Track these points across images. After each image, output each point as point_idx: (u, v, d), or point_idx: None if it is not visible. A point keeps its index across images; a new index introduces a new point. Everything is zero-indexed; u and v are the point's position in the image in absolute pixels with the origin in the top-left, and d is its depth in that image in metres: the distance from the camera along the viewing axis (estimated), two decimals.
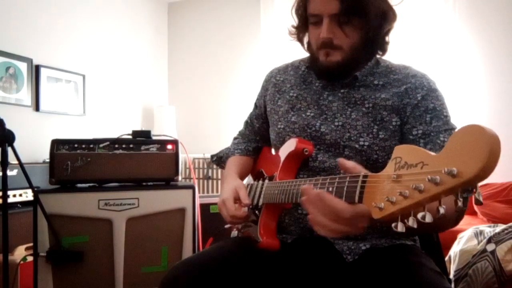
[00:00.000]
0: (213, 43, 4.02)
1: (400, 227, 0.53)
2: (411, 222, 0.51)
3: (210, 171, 3.58)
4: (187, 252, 1.56)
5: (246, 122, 1.28)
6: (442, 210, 0.49)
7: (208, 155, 3.56)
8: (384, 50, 1.01)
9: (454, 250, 1.80)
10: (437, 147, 0.87)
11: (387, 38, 0.99)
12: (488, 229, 1.79)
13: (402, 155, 0.55)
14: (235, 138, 1.30)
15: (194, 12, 4.15)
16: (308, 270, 0.92)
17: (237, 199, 1.00)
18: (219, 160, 1.26)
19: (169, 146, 1.60)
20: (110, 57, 3.50)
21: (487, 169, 0.44)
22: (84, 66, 3.22)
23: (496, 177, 2.83)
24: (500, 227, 1.76)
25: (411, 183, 0.50)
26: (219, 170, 3.55)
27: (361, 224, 0.67)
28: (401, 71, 0.98)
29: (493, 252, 1.60)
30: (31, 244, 1.64)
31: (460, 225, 2.60)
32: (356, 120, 0.94)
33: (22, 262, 1.77)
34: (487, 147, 0.43)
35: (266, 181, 1.01)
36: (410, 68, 0.99)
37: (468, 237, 1.80)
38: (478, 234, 1.78)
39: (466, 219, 2.68)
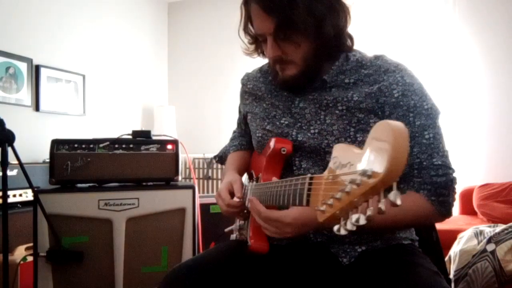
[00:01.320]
0: (213, 43, 4.02)
1: (343, 230, 0.50)
2: (349, 225, 0.49)
3: (210, 171, 3.58)
4: (187, 252, 1.56)
5: (237, 122, 1.30)
6: (369, 212, 0.46)
7: (208, 155, 3.56)
8: (347, 48, 0.97)
9: (454, 250, 1.80)
10: (424, 147, 0.87)
11: (344, 37, 0.95)
12: (488, 229, 1.79)
13: (338, 154, 0.54)
14: (233, 132, 1.33)
15: (194, 12, 4.15)
16: (304, 273, 0.92)
17: (231, 192, 1.01)
18: (221, 159, 1.28)
19: (169, 146, 1.60)
20: (110, 57, 3.50)
21: (395, 165, 0.42)
22: (84, 66, 3.21)
23: (496, 177, 2.84)
24: (500, 227, 1.76)
25: (341, 185, 0.49)
26: (219, 170, 3.56)
27: (305, 227, 0.81)
28: (372, 63, 0.94)
29: (493, 252, 1.60)
30: (31, 244, 1.63)
31: (460, 225, 2.60)
32: (331, 125, 0.92)
33: (22, 262, 1.77)
34: (391, 143, 0.42)
35: (254, 182, 1.01)
36: (382, 59, 0.95)
37: (468, 237, 1.80)
38: (478, 234, 1.78)
39: (466, 219, 2.69)
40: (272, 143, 0.95)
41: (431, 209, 0.86)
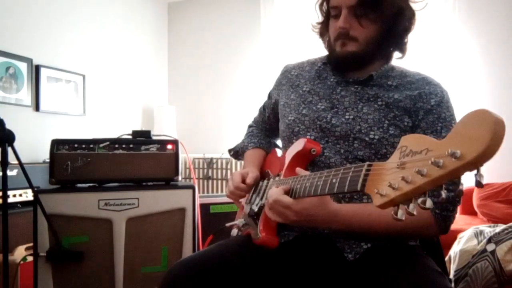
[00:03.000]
0: (213, 43, 4.02)
1: (400, 214, 0.52)
2: (411, 207, 0.51)
3: (210, 171, 3.58)
4: (187, 252, 1.56)
5: (260, 109, 1.32)
6: (443, 194, 0.48)
7: (208, 155, 3.56)
8: (402, 51, 1.03)
9: (454, 250, 1.80)
10: None
11: (405, 38, 1.01)
12: (488, 229, 1.79)
13: (407, 143, 0.55)
14: (249, 127, 1.34)
15: (194, 12, 4.15)
16: (309, 268, 0.92)
17: (244, 179, 1.06)
18: (236, 154, 1.31)
19: (169, 146, 1.60)
20: (110, 57, 3.50)
21: (490, 150, 0.43)
22: (84, 66, 3.21)
23: (496, 177, 2.84)
24: (500, 227, 1.76)
25: (414, 168, 0.50)
26: (219, 170, 3.56)
27: (310, 219, 0.82)
28: (415, 76, 1.01)
29: (493, 252, 1.60)
30: (31, 244, 1.64)
31: (460, 225, 2.59)
32: (367, 114, 0.96)
33: (22, 262, 1.78)
34: (491, 129, 0.43)
35: (271, 180, 1.02)
36: (425, 75, 1.02)
37: (468, 237, 1.80)
38: (478, 234, 1.78)
39: (466, 219, 2.69)
40: (302, 142, 0.97)
41: (432, 222, 0.88)
